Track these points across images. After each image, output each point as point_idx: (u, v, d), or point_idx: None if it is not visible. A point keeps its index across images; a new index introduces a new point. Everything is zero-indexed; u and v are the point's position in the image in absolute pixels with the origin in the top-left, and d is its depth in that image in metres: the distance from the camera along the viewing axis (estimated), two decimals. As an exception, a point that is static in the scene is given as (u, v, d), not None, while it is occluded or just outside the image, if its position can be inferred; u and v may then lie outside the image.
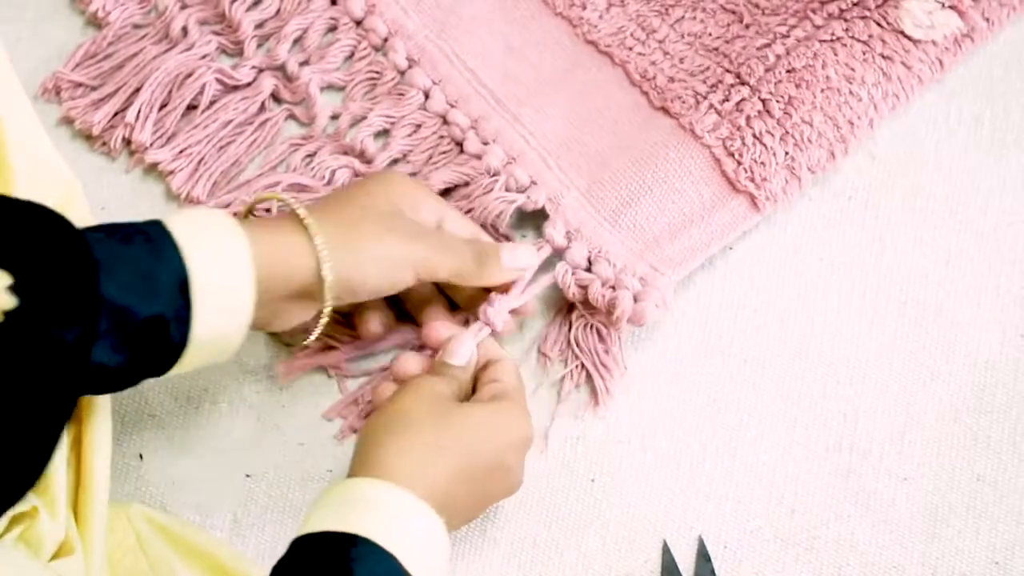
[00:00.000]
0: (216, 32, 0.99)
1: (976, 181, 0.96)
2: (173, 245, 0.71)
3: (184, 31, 0.98)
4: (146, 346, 0.70)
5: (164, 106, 0.96)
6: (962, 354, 0.92)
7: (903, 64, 0.96)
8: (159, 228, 0.72)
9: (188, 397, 0.90)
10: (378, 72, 0.98)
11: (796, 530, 0.88)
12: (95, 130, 0.96)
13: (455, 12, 0.99)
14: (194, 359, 0.73)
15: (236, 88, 0.98)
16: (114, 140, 0.96)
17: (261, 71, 0.98)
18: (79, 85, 0.98)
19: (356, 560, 0.69)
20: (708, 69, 0.96)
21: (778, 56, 0.95)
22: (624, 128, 0.96)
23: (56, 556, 0.75)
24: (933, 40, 0.96)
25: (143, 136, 0.95)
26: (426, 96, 0.97)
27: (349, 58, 1.00)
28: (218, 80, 0.97)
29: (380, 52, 0.99)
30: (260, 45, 0.99)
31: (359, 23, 1.00)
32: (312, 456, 0.89)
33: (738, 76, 0.95)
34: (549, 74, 0.98)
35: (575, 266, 0.91)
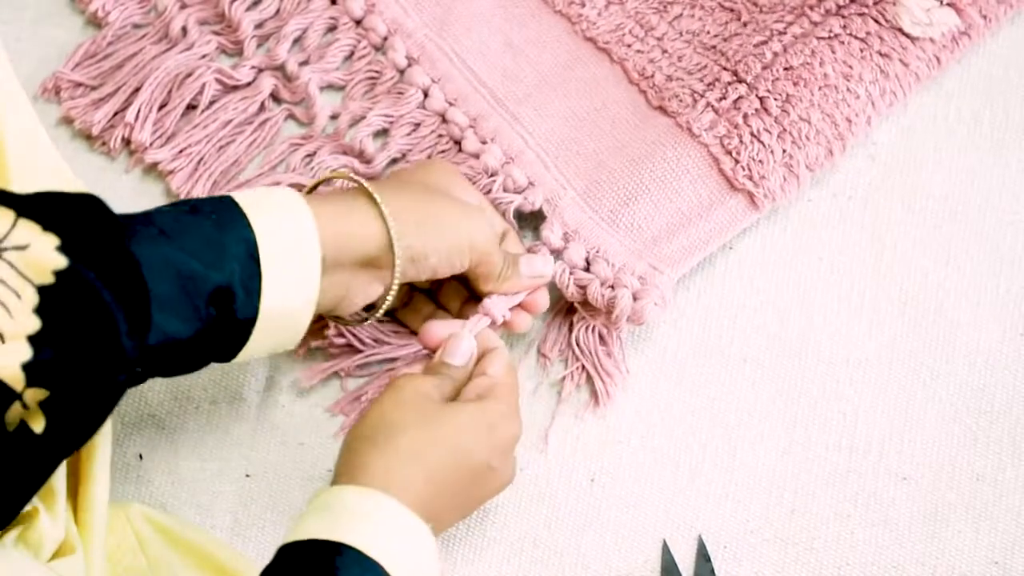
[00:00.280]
0: (216, 32, 0.99)
1: (976, 181, 0.96)
2: (241, 214, 0.72)
3: (184, 31, 0.98)
4: (216, 317, 0.71)
5: (164, 106, 0.96)
6: (962, 354, 0.92)
7: (901, 61, 0.96)
8: (227, 200, 0.73)
9: (188, 397, 0.90)
10: (378, 71, 0.98)
11: (796, 530, 0.88)
12: (95, 130, 0.96)
13: (454, 10, 0.99)
14: (263, 339, 0.74)
15: (236, 88, 0.98)
16: (114, 140, 0.96)
17: (261, 71, 0.98)
18: (79, 85, 0.98)
19: (341, 569, 0.69)
20: (706, 67, 0.96)
21: (775, 53, 0.95)
22: (622, 127, 0.96)
23: (56, 556, 0.75)
24: (931, 37, 0.96)
25: (143, 136, 0.95)
26: (425, 95, 0.97)
27: (349, 58, 1.00)
28: (218, 80, 0.97)
29: (380, 51, 0.99)
30: (260, 45, 0.99)
31: (359, 22, 1.00)
32: (312, 456, 0.89)
33: (735, 74, 0.95)
34: (548, 72, 0.98)
35: (573, 266, 0.90)
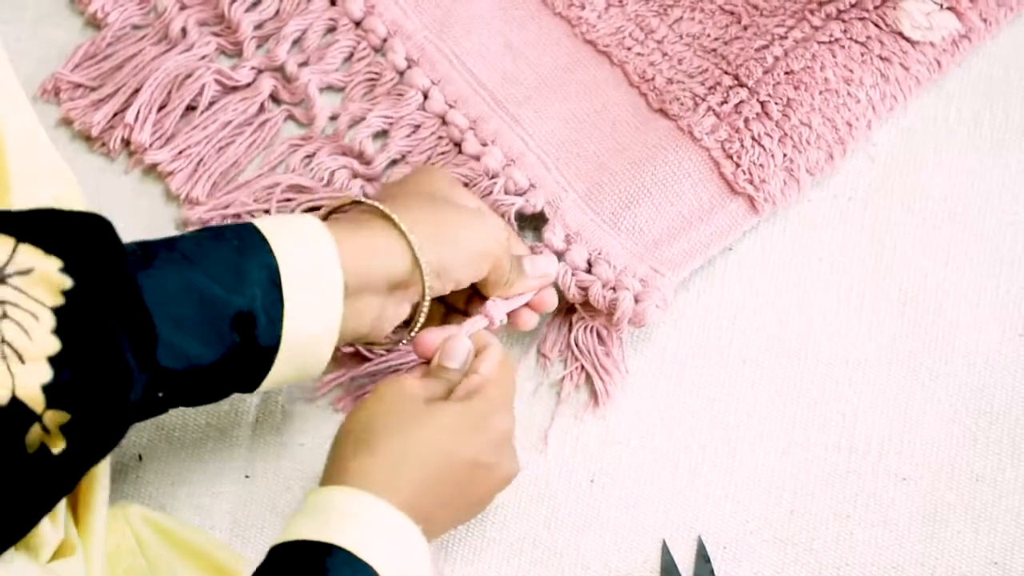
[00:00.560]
0: (215, 33, 0.99)
1: (975, 181, 0.96)
2: (262, 240, 0.73)
3: (183, 32, 0.98)
4: (238, 344, 0.71)
5: (163, 107, 0.96)
6: (961, 354, 0.92)
7: (901, 65, 0.96)
8: (249, 226, 0.73)
9: (187, 398, 0.90)
10: (377, 73, 0.98)
11: (795, 530, 0.88)
12: (94, 131, 0.96)
13: (454, 12, 0.99)
14: (285, 367, 0.73)
15: (235, 89, 0.98)
16: (113, 141, 0.96)
17: (260, 72, 0.98)
18: (78, 86, 0.98)
19: (332, 570, 0.69)
20: (707, 71, 0.96)
21: (776, 58, 0.95)
22: (622, 130, 0.96)
23: (55, 557, 0.74)
24: (931, 41, 0.96)
25: (142, 137, 0.95)
26: (425, 96, 0.97)
27: (348, 59, 1.00)
28: (217, 81, 0.97)
29: (379, 53, 0.99)
30: (259, 46, 0.99)
31: (358, 24, 1.00)
32: (312, 456, 0.89)
33: (736, 78, 0.95)
34: (548, 74, 0.98)
35: (575, 268, 0.90)
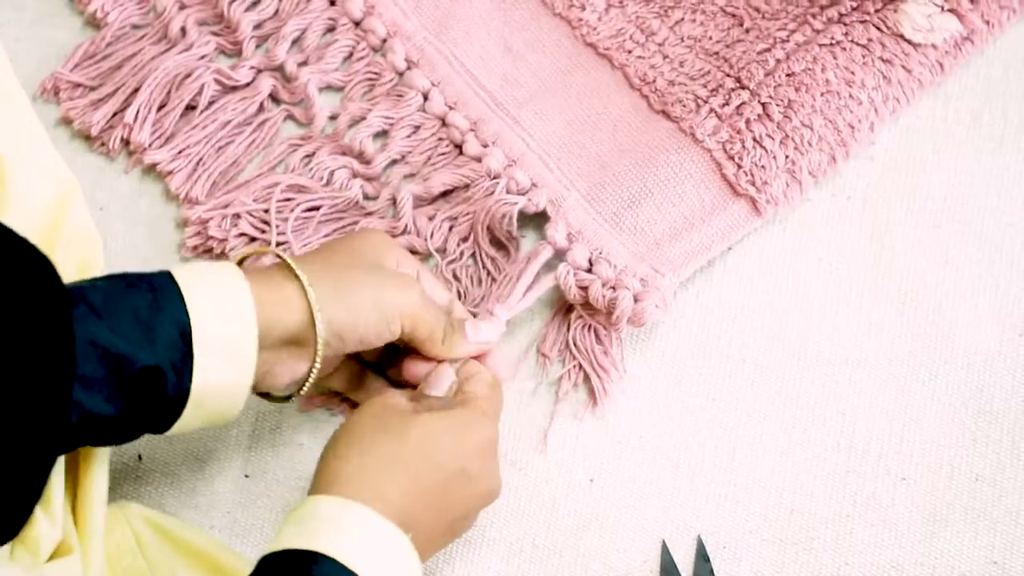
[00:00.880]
0: (215, 32, 0.99)
1: (975, 181, 0.96)
2: (178, 294, 0.72)
3: (183, 31, 0.98)
4: (143, 397, 0.70)
5: (163, 106, 0.96)
6: (960, 354, 0.92)
7: (903, 67, 0.96)
8: (166, 277, 0.72)
9: (187, 397, 0.90)
10: (377, 73, 0.98)
11: (795, 530, 0.88)
12: (94, 130, 0.96)
13: (454, 13, 0.99)
14: (196, 415, 0.73)
15: (235, 88, 0.98)
16: (113, 140, 0.96)
17: (260, 71, 0.98)
18: (78, 85, 0.98)
19: None
20: (708, 73, 0.96)
21: (778, 60, 0.95)
22: (624, 131, 0.96)
23: (54, 557, 0.74)
24: (933, 43, 0.96)
25: (142, 136, 0.95)
26: (425, 98, 0.97)
27: (348, 59, 1.00)
28: (217, 80, 0.97)
29: (379, 53, 0.99)
30: (259, 45, 0.99)
31: (358, 24, 1.00)
32: (312, 456, 0.89)
33: (738, 80, 0.95)
34: (548, 76, 0.98)
35: (576, 267, 0.91)
